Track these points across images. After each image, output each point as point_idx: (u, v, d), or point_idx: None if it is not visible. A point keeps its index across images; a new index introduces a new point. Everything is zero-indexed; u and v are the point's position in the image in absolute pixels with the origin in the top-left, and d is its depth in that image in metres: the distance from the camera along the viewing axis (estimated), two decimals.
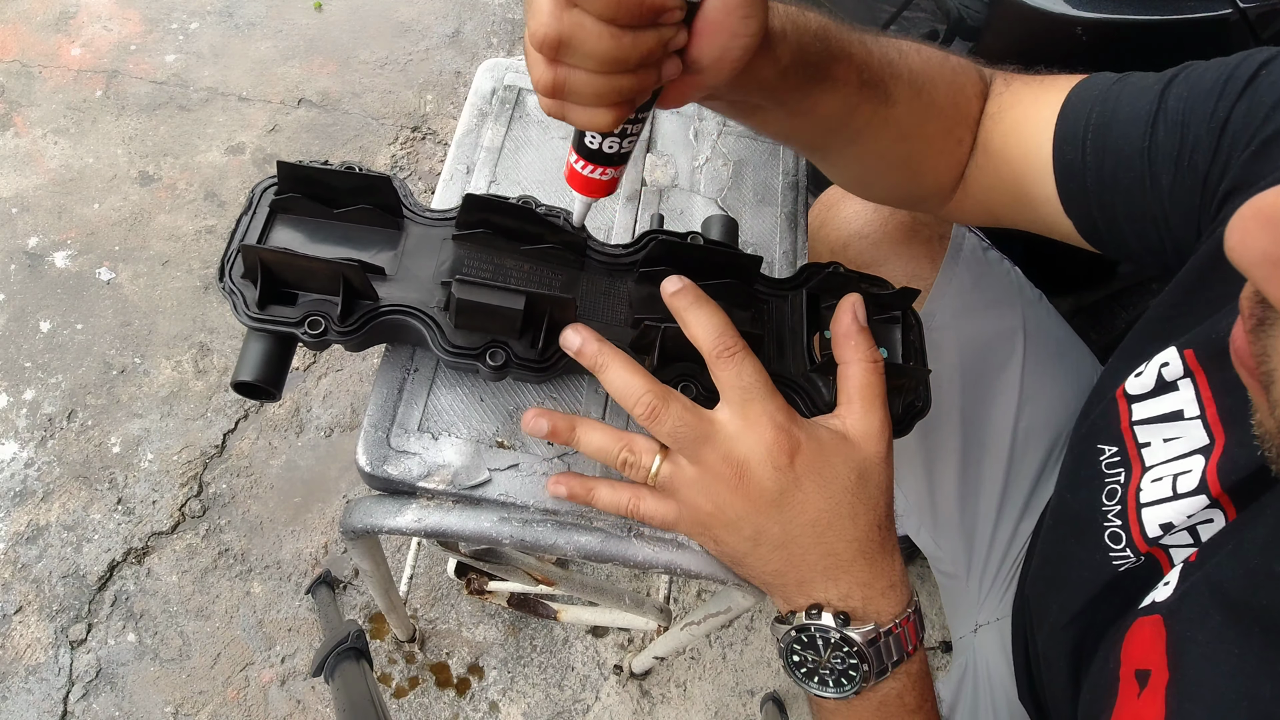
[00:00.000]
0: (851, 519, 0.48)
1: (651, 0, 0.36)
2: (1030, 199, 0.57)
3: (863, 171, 0.61)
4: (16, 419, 1.33)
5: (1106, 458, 0.54)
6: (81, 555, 1.24)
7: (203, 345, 1.44)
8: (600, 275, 0.58)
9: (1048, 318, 0.82)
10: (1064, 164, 0.53)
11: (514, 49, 1.98)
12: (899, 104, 0.53)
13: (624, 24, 0.37)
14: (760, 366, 0.49)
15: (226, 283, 0.52)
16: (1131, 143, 0.51)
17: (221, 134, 1.69)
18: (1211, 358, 0.47)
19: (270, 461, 1.36)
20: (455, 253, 0.55)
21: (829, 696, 0.50)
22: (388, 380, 0.57)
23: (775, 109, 0.51)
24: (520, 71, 0.77)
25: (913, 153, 0.57)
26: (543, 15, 0.37)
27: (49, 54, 1.74)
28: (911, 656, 0.49)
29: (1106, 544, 0.51)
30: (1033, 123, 0.55)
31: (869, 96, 0.52)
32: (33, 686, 1.14)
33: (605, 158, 0.46)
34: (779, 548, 0.49)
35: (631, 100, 0.41)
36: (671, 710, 1.25)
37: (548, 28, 0.37)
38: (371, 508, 0.55)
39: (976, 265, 0.80)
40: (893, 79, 0.53)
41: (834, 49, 0.49)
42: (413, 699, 1.20)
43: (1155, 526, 0.48)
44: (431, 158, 1.75)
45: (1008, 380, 0.77)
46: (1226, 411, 0.46)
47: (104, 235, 1.53)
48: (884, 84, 0.52)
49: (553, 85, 0.39)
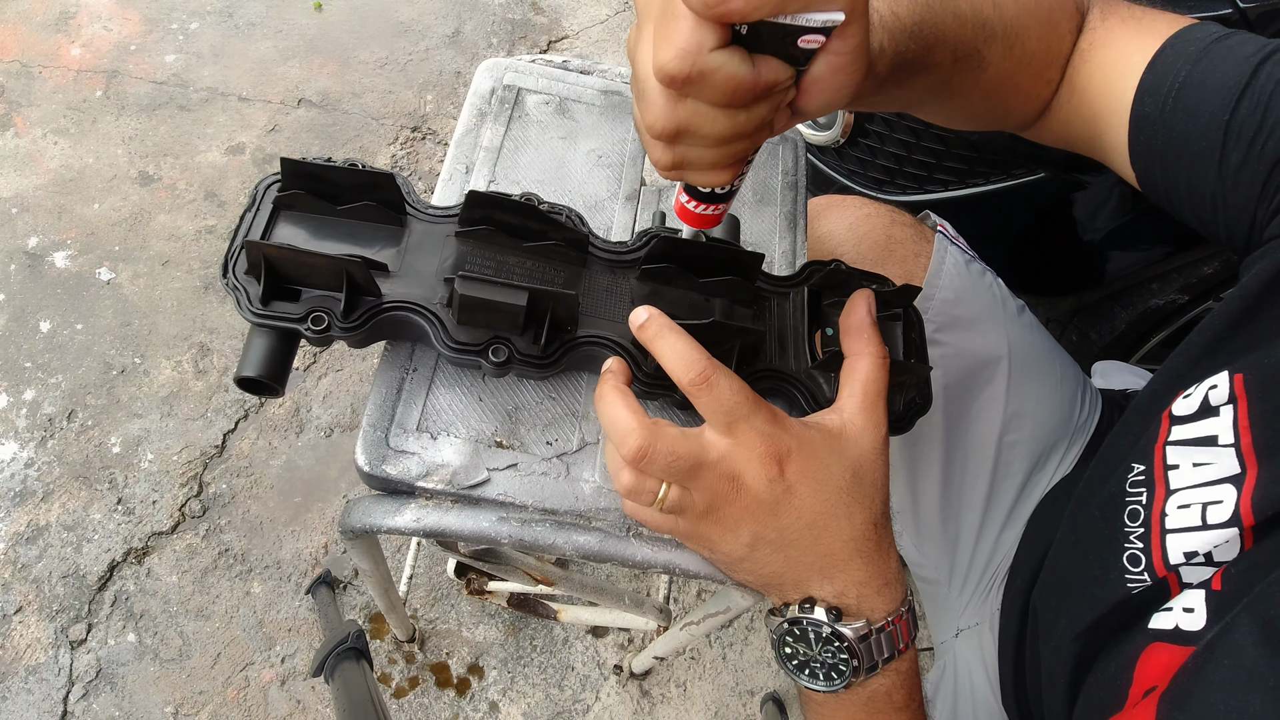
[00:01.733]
0: (847, 518, 0.48)
1: (766, 82, 0.37)
2: (1103, 142, 0.56)
3: (949, 116, 0.61)
4: (16, 419, 1.33)
5: (1133, 475, 0.52)
6: (81, 555, 1.24)
7: (203, 345, 1.44)
8: (603, 273, 0.58)
9: (1030, 332, 0.82)
10: (1140, 116, 0.52)
11: (514, 49, 1.98)
12: (990, 67, 0.52)
13: (740, 107, 0.38)
14: (738, 384, 0.48)
15: (230, 279, 0.52)
16: (1212, 112, 0.49)
17: (221, 134, 1.69)
18: (1261, 385, 0.46)
19: (270, 461, 1.35)
20: (458, 249, 0.55)
21: (818, 689, 0.50)
22: (387, 380, 0.57)
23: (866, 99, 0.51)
24: (519, 71, 0.77)
25: (1002, 101, 0.57)
26: (656, 110, 0.38)
27: (49, 54, 1.74)
28: (902, 654, 0.49)
29: (1125, 565, 0.50)
30: (1120, 66, 0.53)
31: (961, 69, 0.51)
32: (33, 686, 1.14)
33: (717, 197, 0.49)
34: (776, 550, 0.49)
35: (746, 156, 0.43)
36: (671, 710, 1.25)
37: (665, 121, 0.38)
38: (371, 508, 0.55)
39: (959, 280, 0.81)
40: (986, 43, 0.51)
41: (929, 39, 0.48)
42: (413, 699, 1.20)
43: (1179, 554, 0.47)
44: (431, 157, 1.75)
45: (992, 394, 0.78)
46: (1263, 443, 0.44)
47: (104, 235, 1.53)
48: (977, 52, 0.51)
49: (672, 164, 0.42)
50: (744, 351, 0.55)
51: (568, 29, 2.05)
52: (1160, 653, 0.44)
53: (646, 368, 0.55)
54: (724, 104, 0.37)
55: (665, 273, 0.57)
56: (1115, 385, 0.88)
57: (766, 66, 0.37)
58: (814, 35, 0.36)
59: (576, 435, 0.58)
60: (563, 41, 2.03)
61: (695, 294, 0.58)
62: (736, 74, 0.36)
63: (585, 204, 0.70)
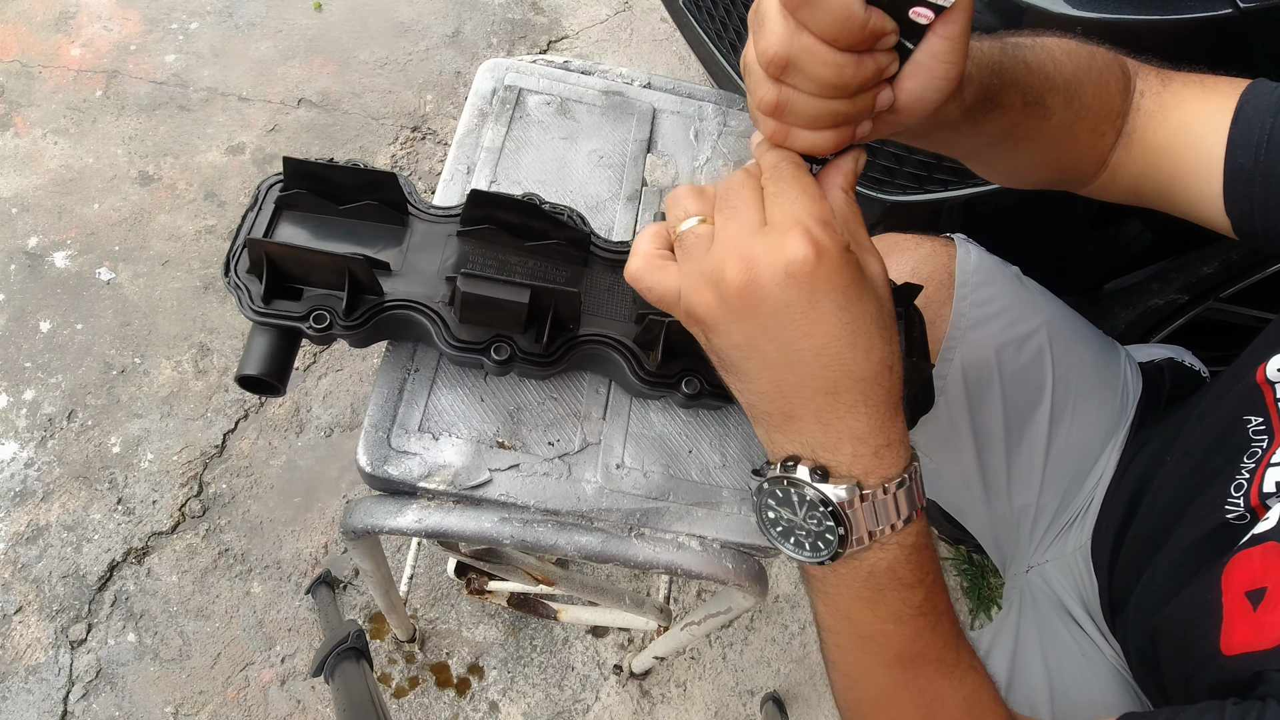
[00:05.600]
0: (865, 352, 0.42)
1: (874, 27, 0.39)
2: (1188, 193, 0.59)
3: (1011, 172, 0.64)
4: (16, 419, 1.33)
5: (1254, 426, 0.59)
6: (81, 555, 1.24)
7: (203, 345, 1.44)
8: (604, 271, 0.58)
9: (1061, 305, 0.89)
10: (1235, 167, 0.56)
11: (514, 49, 1.98)
12: (1054, 115, 0.56)
13: (846, 47, 0.39)
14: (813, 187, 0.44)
15: (232, 277, 0.52)
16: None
17: (221, 134, 1.69)
18: None
19: (270, 461, 1.35)
20: (460, 249, 0.55)
21: (804, 559, 0.47)
22: (388, 380, 0.57)
23: (944, 133, 0.53)
24: (520, 71, 0.77)
25: (1061, 154, 0.60)
26: (774, 34, 0.39)
27: (49, 54, 1.74)
28: (903, 528, 0.45)
29: (1230, 492, 0.56)
30: (1202, 123, 0.57)
31: (1029, 114, 0.54)
32: (33, 686, 1.14)
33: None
34: (772, 369, 0.43)
35: (848, 125, 0.43)
36: (671, 710, 1.25)
37: (778, 46, 0.39)
38: (372, 508, 0.55)
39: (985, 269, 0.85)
40: (1049, 92, 0.55)
41: (1005, 78, 0.51)
42: (413, 699, 1.20)
43: (1272, 483, 0.53)
44: (431, 158, 1.75)
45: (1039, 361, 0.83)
46: None
47: (104, 235, 1.53)
48: (1042, 100, 0.54)
49: (776, 104, 0.42)
50: None
51: (568, 29, 2.05)
52: (1251, 557, 0.50)
53: (648, 365, 0.55)
54: (836, 36, 0.38)
55: None
56: (1141, 358, 0.92)
57: (877, 15, 0.39)
58: (925, 9, 0.39)
59: (578, 436, 0.58)
60: (563, 41, 2.03)
61: None
62: (850, 3, 0.38)
63: (586, 204, 0.70)
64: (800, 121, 0.42)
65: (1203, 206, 0.59)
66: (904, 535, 0.45)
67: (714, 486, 0.59)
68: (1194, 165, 0.58)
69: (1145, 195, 0.63)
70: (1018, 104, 0.53)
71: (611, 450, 0.58)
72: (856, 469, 0.44)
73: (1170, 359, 0.90)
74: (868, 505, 0.44)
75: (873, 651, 0.47)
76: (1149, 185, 0.62)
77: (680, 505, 0.58)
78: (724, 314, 0.43)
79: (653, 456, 0.59)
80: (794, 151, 0.45)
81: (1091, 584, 0.79)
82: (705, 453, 0.60)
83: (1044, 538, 0.86)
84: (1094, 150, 0.61)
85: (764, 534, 0.49)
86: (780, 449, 0.46)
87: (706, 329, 0.45)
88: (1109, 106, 0.59)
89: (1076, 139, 0.59)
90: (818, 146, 0.43)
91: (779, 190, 0.43)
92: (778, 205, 0.42)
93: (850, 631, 0.48)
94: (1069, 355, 0.85)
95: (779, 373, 0.43)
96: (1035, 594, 0.84)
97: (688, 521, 0.57)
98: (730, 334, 0.43)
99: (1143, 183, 0.62)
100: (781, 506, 0.46)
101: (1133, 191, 0.64)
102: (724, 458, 0.60)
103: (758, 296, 0.41)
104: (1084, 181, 0.64)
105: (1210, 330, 1.12)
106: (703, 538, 0.57)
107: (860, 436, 0.44)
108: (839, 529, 0.44)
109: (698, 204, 0.45)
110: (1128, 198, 0.65)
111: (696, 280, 0.43)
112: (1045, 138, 0.57)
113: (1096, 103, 0.58)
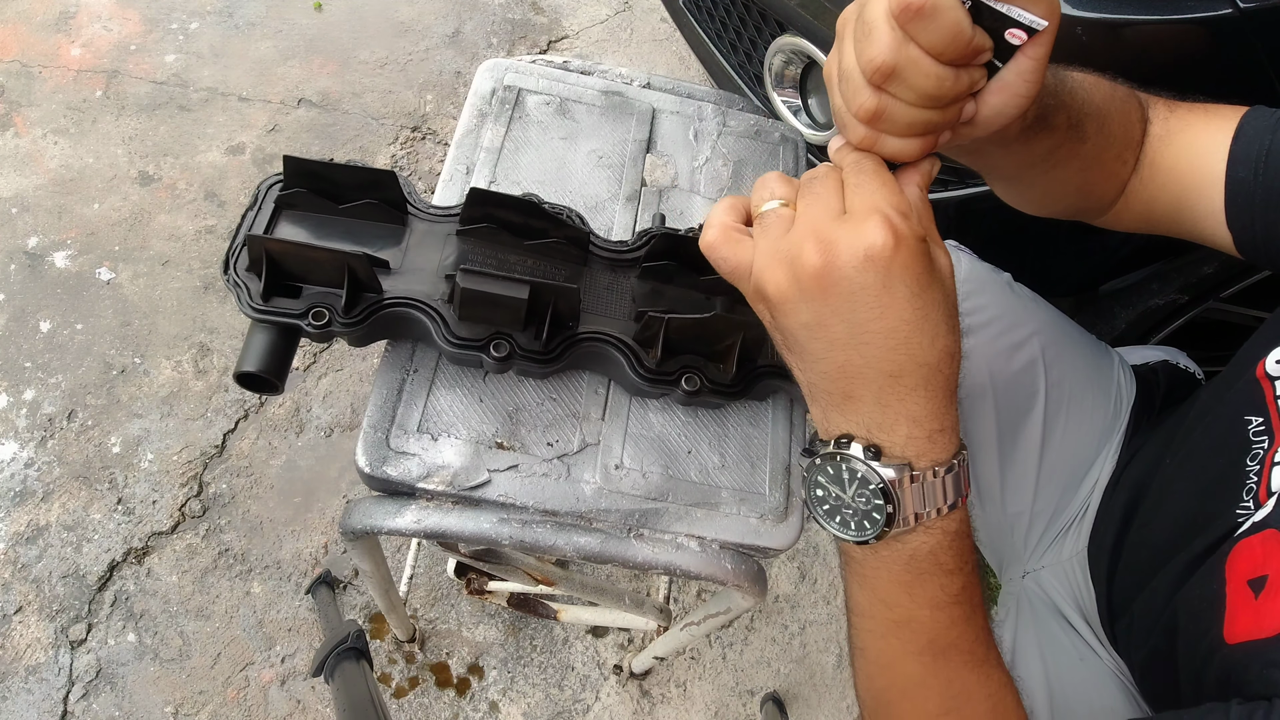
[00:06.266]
0: (932, 338, 0.43)
1: (977, 44, 0.41)
2: (1193, 212, 0.61)
3: (1042, 195, 0.66)
4: (16, 419, 1.33)
5: (1254, 427, 0.59)
6: (81, 555, 1.24)
7: (203, 345, 1.44)
8: (603, 270, 0.58)
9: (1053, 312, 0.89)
10: (1235, 181, 0.58)
11: (514, 49, 1.98)
12: (1089, 139, 0.58)
13: (949, 61, 0.41)
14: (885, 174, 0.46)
15: (231, 275, 0.52)
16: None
17: (221, 134, 1.69)
18: None
19: (270, 461, 1.35)
20: (459, 247, 0.55)
21: (848, 539, 0.47)
22: (387, 381, 0.57)
23: (997, 149, 0.54)
24: (520, 72, 0.77)
25: (1089, 179, 0.62)
26: (883, 44, 0.41)
27: (49, 54, 1.74)
28: (949, 513, 0.46)
29: (1241, 497, 0.56)
30: (1205, 143, 0.60)
31: (1070, 136, 0.56)
32: (33, 686, 1.14)
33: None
34: (838, 349, 0.44)
35: (934, 135, 0.45)
36: (671, 710, 1.25)
37: (886, 55, 0.41)
38: (371, 508, 0.55)
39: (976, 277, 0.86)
40: (1086, 117, 0.57)
41: (1057, 100, 0.53)
42: (413, 699, 1.20)
43: (1279, 481, 0.54)
44: (431, 158, 1.75)
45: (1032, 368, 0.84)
46: None
47: (104, 235, 1.53)
48: (1081, 124, 0.56)
49: (875, 110, 0.43)
50: (745, 346, 0.55)
51: (568, 29, 2.05)
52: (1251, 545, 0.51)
53: (648, 362, 0.55)
54: (943, 50, 0.40)
55: (666, 270, 0.57)
56: (1135, 361, 0.92)
57: (980, 33, 0.42)
58: (1020, 31, 0.41)
59: (577, 436, 0.58)
60: (563, 41, 2.03)
61: (696, 292, 0.58)
62: (961, 20, 0.40)
63: (586, 205, 0.70)
64: (895, 129, 0.44)
65: (1206, 223, 0.61)
66: (948, 521, 0.46)
67: (713, 487, 0.59)
68: (1197, 183, 0.60)
69: (1156, 219, 0.64)
70: (1063, 126, 0.55)
71: (610, 451, 0.58)
72: (910, 451, 0.45)
73: (1164, 361, 0.90)
74: (916, 487, 0.45)
75: (905, 637, 0.48)
76: (1159, 209, 0.63)
77: (679, 506, 0.58)
78: (795, 293, 0.44)
79: (652, 457, 0.59)
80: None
81: (1089, 590, 0.79)
82: (704, 453, 0.60)
83: (1039, 544, 0.86)
84: (1116, 177, 0.62)
85: (810, 511, 0.50)
86: (835, 427, 0.47)
87: (772, 306, 0.46)
88: (1130, 134, 0.61)
89: (1104, 164, 0.61)
90: (904, 153, 0.45)
91: (860, 182, 0.45)
92: (859, 195, 0.44)
93: (884, 616, 0.48)
94: (1061, 362, 0.85)
95: (845, 352, 0.44)
96: (1032, 600, 0.84)
97: (687, 522, 0.57)
98: (799, 313, 0.44)
99: (1153, 207, 0.64)
100: (831, 484, 0.47)
101: (1144, 217, 0.65)
102: (723, 458, 0.60)
103: (833, 278, 0.42)
104: (1102, 209, 0.66)
105: (1210, 330, 1.12)
106: (702, 538, 0.57)
107: (917, 419, 0.45)
108: (887, 507, 0.45)
109: (783, 189, 0.47)
110: (1140, 224, 0.66)
111: (771, 258, 0.45)
112: (1079, 161, 0.59)
113: (1121, 130, 0.60)
